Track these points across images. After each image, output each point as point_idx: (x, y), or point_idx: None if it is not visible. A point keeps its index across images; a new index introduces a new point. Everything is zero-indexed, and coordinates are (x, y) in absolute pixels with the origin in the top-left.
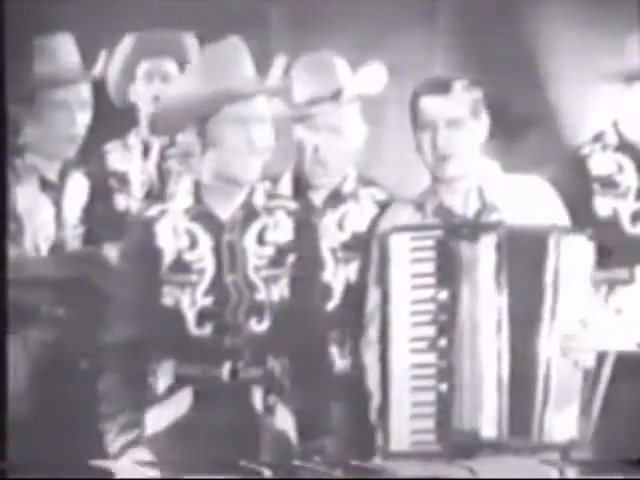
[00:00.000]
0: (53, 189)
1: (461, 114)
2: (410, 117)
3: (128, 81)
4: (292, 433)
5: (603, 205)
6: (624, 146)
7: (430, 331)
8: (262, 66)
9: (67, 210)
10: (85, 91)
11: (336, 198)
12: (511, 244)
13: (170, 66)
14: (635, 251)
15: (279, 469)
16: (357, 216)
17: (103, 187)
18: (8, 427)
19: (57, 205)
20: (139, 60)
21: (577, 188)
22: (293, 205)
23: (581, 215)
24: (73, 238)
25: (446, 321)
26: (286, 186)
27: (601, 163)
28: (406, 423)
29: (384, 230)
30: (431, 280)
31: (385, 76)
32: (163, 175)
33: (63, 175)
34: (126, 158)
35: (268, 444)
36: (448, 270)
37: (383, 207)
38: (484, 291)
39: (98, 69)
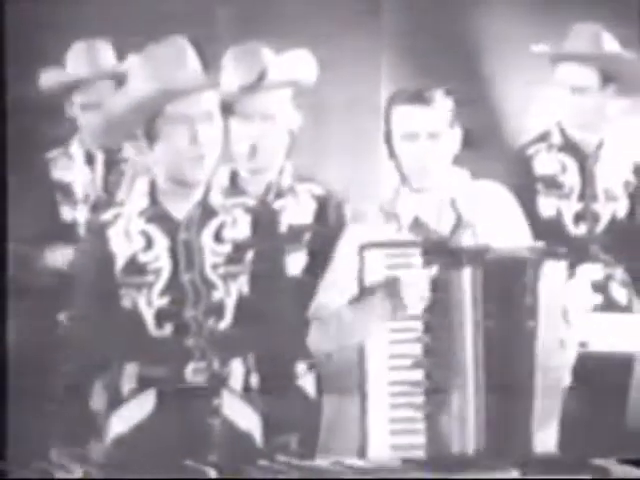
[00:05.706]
0: None
1: (441, 126)
2: (385, 126)
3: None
4: (257, 433)
5: (546, 205)
6: (568, 146)
7: (413, 349)
8: (210, 66)
9: None
10: None
11: (273, 193)
12: (493, 269)
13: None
14: (577, 251)
15: (235, 470)
16: (295, 211)
17: (48, 197)
18: (8, 427)
19: None
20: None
21: (521, 188)
22: (251, 202)
23: (525, 215)
24: None
25: (431, 341)
26: (224, 181)
27: (545, 163)
28: (386, 439)
29: (360, 243)
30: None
31: (314, 64)
32: (109, 185)
33: None
34: (69, 167)
35: (231, 445)
36: (433, 292)
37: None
38: (468, 313)
39: None
